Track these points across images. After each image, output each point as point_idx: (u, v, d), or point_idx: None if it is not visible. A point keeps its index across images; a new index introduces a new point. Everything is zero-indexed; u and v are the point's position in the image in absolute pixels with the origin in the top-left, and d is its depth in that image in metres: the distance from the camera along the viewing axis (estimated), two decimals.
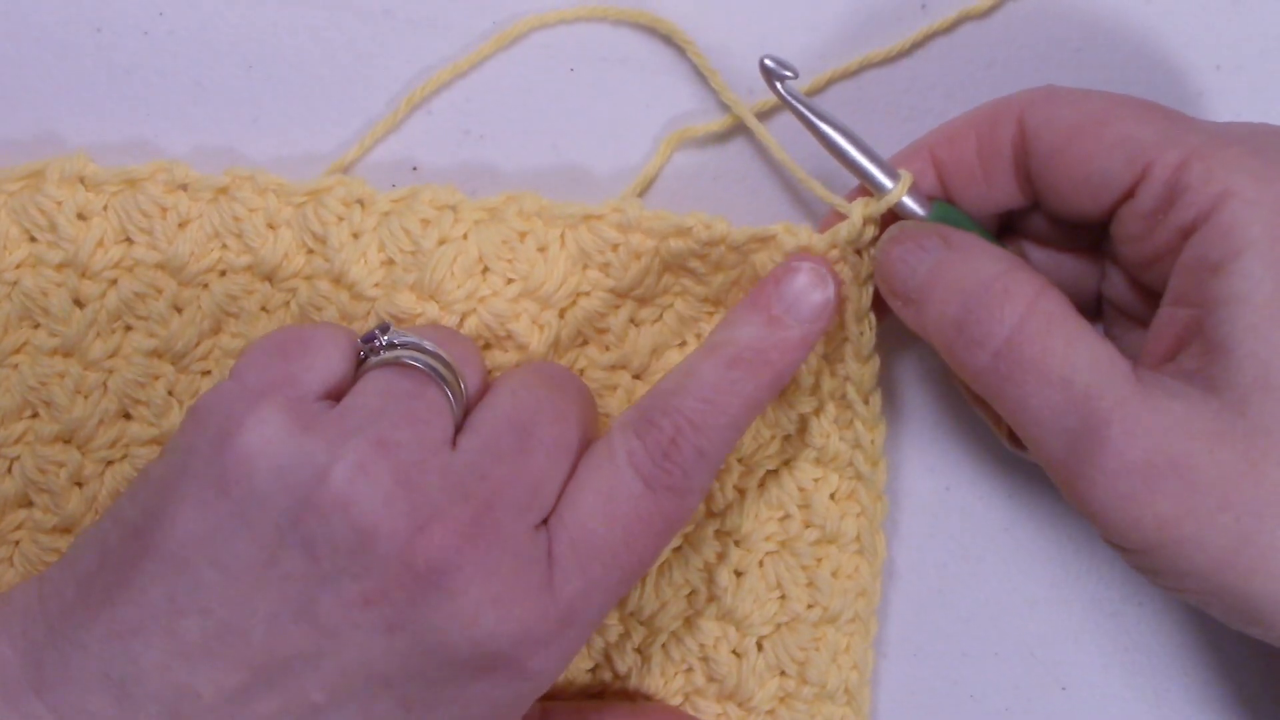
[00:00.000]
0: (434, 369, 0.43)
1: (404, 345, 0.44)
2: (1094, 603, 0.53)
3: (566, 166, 0.53)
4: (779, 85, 0.46)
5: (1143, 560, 0.42)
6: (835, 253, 0.47)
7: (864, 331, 0.48)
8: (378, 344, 0.44)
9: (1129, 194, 0.43)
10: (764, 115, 0.52)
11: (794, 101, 0.46)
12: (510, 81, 0.53)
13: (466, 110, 0.53)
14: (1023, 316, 0.42)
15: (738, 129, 0.53)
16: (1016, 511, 0.53)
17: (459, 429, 0.44)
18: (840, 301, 0.47)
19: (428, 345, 0.44)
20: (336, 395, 0.43)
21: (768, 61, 0.46)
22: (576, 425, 0.45)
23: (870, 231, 0.47)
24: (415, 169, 0.53)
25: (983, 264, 0.43)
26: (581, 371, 0.50)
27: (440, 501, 0.41)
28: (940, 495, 0.53)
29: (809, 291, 0.46)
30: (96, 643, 0.40)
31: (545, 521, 0.43)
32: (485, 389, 0.46)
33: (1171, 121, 0.43)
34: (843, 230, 0.47)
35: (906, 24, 0.52)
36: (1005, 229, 0.49)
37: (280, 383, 0.42)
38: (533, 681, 0.43)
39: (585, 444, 0.45)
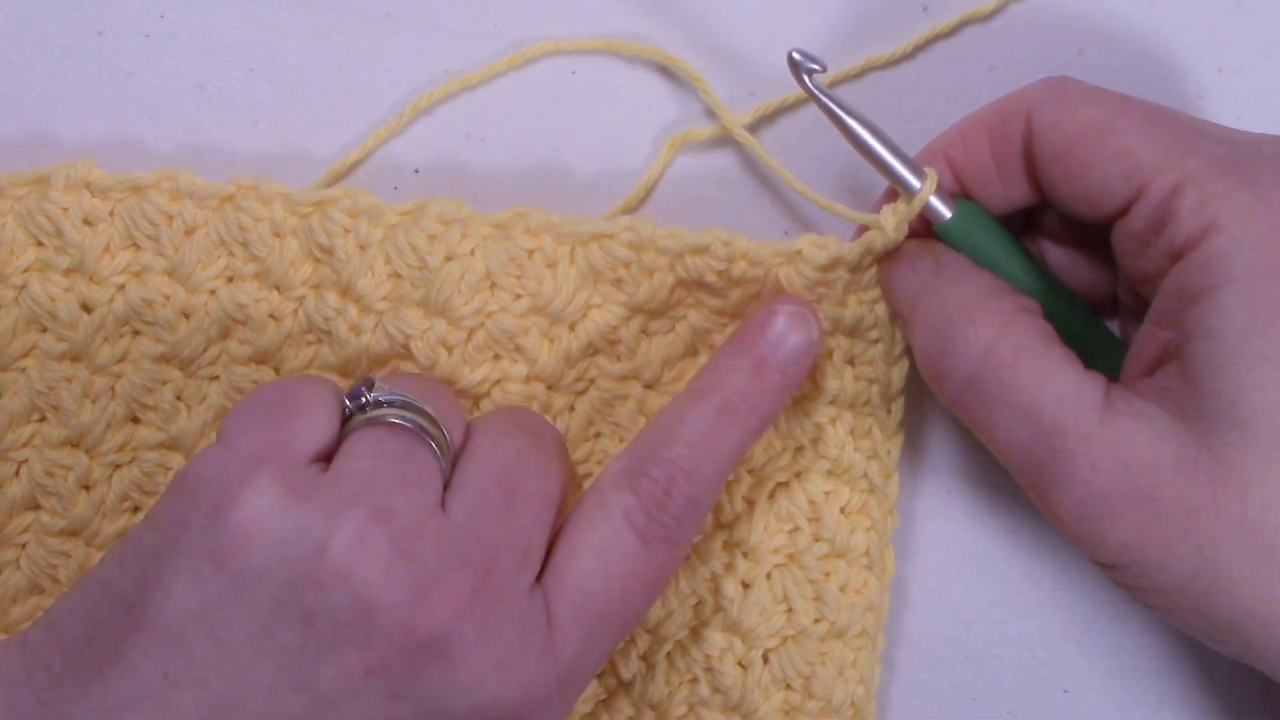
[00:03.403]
0: (422, 427, 0.43)
1: (390, 404, 0.43)
2: (1096, 605, 0.53)
3: (568, 170, 0.53)
4: (806, 79, 0.45)
5: (1112, 575, 0.42)
6: (869, 260, 0.47)
7: (896, 331, 0.48)
8: (364, 401, 0.43)
9: (1124, 210, 0.43)
10: (767, 118, 0.52)
11: (821, 96, 0.45)
12: (512, 84, 0.53)
13: (468, 113, 0.53)
14: (987, 350, 0.42)
15: None
16: (1018, 514, 0.53)
17: (446, 485, 0.43)
18: (823, 342, 0.47)
19: (415, 402, 0.43)
20: (326, 456, 0.43)
21: (795, 54, 0.45)
22: (557, 476, 0.45)
23: (903, 236, 0.46)
24: (417, 171, 0.53)
25: (958, 292, 0.44)
26: (592, 381, 0.50)
27: (439, 570, 0.40)
28: (942, 499, 0.53)
29: (791, 335, 0.46)
30: (86, 716, 0.39)
31: (539, 578, 0.43)
32: (466, 437, 0.45)
33: (1175, 138, 0.42)
34: (877, 241, 0.46)
35: (908, 27, 0.52)
36: (1026, 227, 0.49)
37: (272, 450, 0.41)
38: None
39: (565, 494, 0.45)
